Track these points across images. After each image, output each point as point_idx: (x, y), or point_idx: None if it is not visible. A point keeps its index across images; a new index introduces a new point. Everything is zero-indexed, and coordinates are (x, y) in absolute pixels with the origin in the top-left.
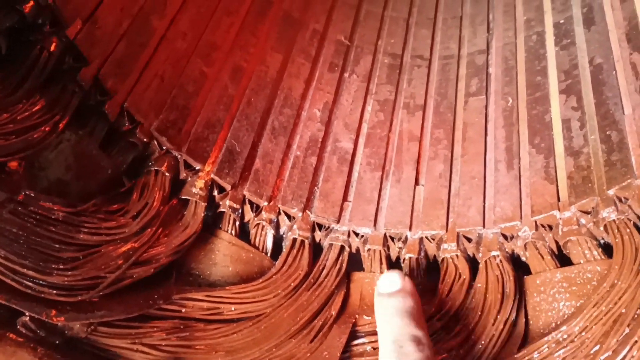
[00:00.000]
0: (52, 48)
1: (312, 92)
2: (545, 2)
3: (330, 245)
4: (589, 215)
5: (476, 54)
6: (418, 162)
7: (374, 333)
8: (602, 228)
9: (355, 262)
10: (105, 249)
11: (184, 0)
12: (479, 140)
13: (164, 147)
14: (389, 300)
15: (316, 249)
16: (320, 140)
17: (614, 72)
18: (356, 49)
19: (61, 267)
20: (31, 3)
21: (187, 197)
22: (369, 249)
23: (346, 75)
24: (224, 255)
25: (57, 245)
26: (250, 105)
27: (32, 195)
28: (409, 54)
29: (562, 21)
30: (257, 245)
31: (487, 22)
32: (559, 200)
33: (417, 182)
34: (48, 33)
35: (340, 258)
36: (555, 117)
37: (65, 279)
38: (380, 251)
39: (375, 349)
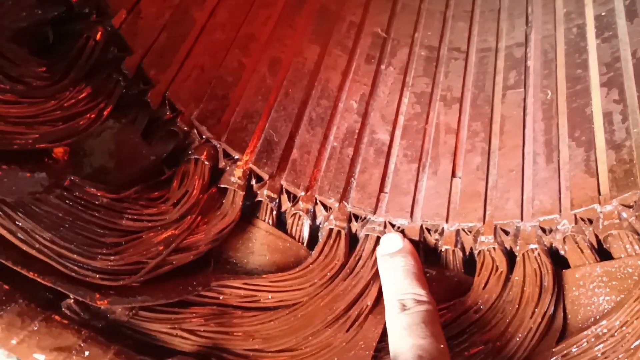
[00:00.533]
0: (98, 37)
1: (349, 83)
2: None
3: (367, 236)
4: (631, 209)
5: (514, 47)
6: (455, 155)
7: None
8: None
9: None
10: (146, 235)
11: None
12: (517, 134)
13: (204, 136)
14: (391, 260)
15: (352, 240)
16: (357, 131)
17: None
18: (392, 42)
19: (105, 252)
20: None
21: (226, 186)
22: None
23: (383, 67)
24: (261, 244)
25: (100, 231)
26: (288, 96)
27: (77, 181)
28: (446, 46)
29: (603, 13)
30: (293, 234)
31: (525, 15)
32: (599, 193)
33: (453, 175)
34: (94, 22)
35: (377, 248)
36: (596, 110)
37: (109, 263)
38: (416, 243)
39: None
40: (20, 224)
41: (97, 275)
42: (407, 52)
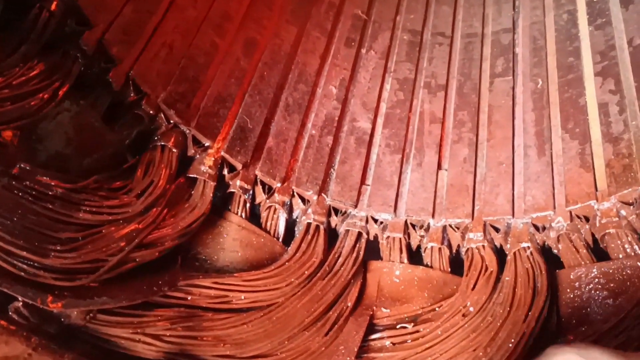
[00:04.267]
0: (53, 7)
1: (328, 68)
2: None
3: (347, 231)
4: (631, 207)
5: (501, 33)
6: (440, 146)
7: (393, 327)
8: None
9: (371, 250)
10: (106, 230)
11: None
12: (507, 124)
13: (172, 121)
14: None
15: (331, 235)
16: (336, 119)
17: None
18: (374, 25)
19: (59, 248)
20: None
21: (195, 176)
22: (388, 237)
23: (363, 51)
24: (233, 239)
25: (54, 225)
26: (264, 80)
27: (28, 168)
28: (429, 31)
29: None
30: (268, 229)
31: (512, 1)
32: (596, 189)
33: (439, 167)
34: None
35: (357, 245)
36: (590, 101)
37: (64, 261)
38: (400, 239)
39: (395, 344)
40: None
41: (50, 275)
42: (389, 36)
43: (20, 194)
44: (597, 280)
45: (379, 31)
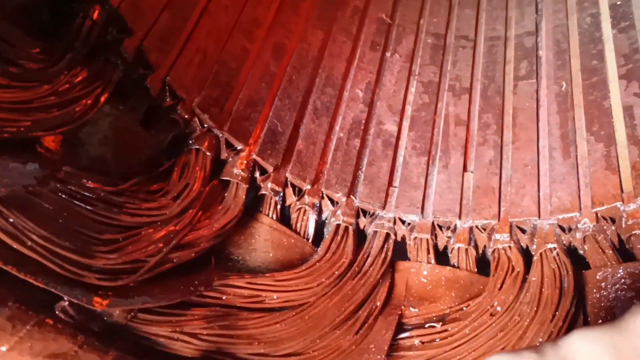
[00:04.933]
0: (95, 16)
1: (354, 71)
2: None
3: (375, 232)
4: None
5: (524, 36)
6: (466, 148)
7: (421, 326)
8: None
9: (399, 251)
10: (145, 231)
11: None
12: (531, 127)
13: (206, 125)
14: None
15: (360, 236)
16: (363, 122)
17: None
18: (398, 28)
19: (102, 249)
20: None
21: (229, 179)
22: (415, 237)
23: (388, 54)
24: (264, 240)
25: (97, 226)
26: (292, 83)
27: (73, 172)
28: (453, 34)
29: (619, 2)
30: (298, 230)
31: (535, 3)
32: (622, 191)
33: (465, 169)
34: (91, 1)
35: (386, 246)
36: (615, 104)
37: (107, 262)
38: (427, 240)
39: (424, 343)
40: (11, 220)
41: (94, 275)
42: (413, 40)
43: (65, 197)
44: (623, 280)
45: (403, 35)
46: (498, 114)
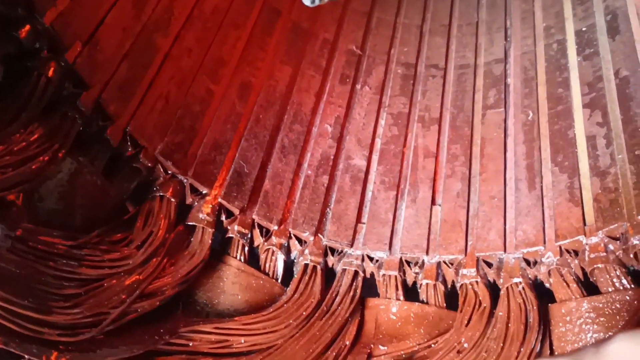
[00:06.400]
0: (50, 74)
1: (323, 106)
2: (566, 8)
3: (344, 270)
4: (618, 242)
5: (493, 64)
6: (434, 180)
7: None
8: (632, 255)
9: (369, 287)
10: (108, 283)
11: (189, 16)
12: (499, 157)
13: (169, 172)
14: None
15: (328, 274)
16: (332, 157)
17: None
18: (368, 59)
19: (62, 304)
20: (27, 27)
21: (194, 224)
22: (384, 274)
23: (358, 87)
24: (232, 282)
25: (57, 282)
26: (259, 123)
27: (31, 228)
28: (423, 63)
29: (584, 29)
30: (267, 271)
31: (504, 29)
32: (585, 224)
33: (433, 202)
34: (46, 58)
35: (354, 284)
36: (579, 133)
37: (67, 317)
38: (396, 276)
39: None
40: None
41: (55, 331)
42: (383, 70)
43: (24, 255)
44: (587, 314)
45: (373, 65)
46: (467, 144)
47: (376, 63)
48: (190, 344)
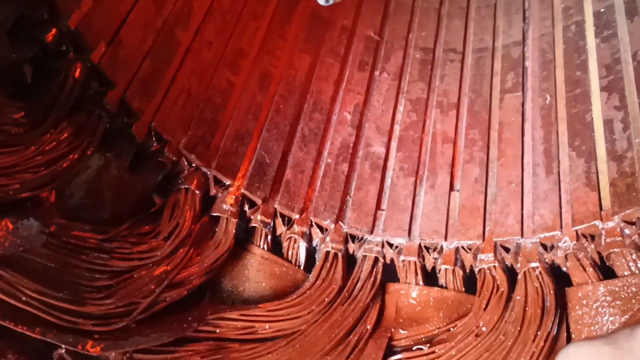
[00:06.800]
0: (77, 74)
1: (342, 93)
2: None
3: (364, 256)
4: (634, 227)
5: (512, 46)
6: (453, 166)
7: (410, 348)
8: None
9: (390, 272)
10: (138, 274)
11: (209, 8)
12: (516, 142)
13: (193, 165)
14: None
15: (350, 260)
16: (351, 145)
17: None
18: (386, 45)
19: (95, 296)
20: (53, 31)
21: (218, 214)
22: (403, 260)
23: (377, 73)
24: (257, 270)
25: (90, 274)
26: (280, 113)
27: (64, 224)
28: (441, 47)
29: (602, 10)
30: (289, 258)
31: (522, 11)
32: (601, 209)
33: (452, 188)
34: (72, 60)
35: (375, 269)
36: (596, 117)
37: (100, 307)
38: (415, 262)
39: None
40: (5, 278)
41: (89, 322)
42: (402, 56)
43: (58, 249)
44: (604, 298)
45: (391, 51)
46: (484, 129)
47: (394, 48)
48: (217, 331)
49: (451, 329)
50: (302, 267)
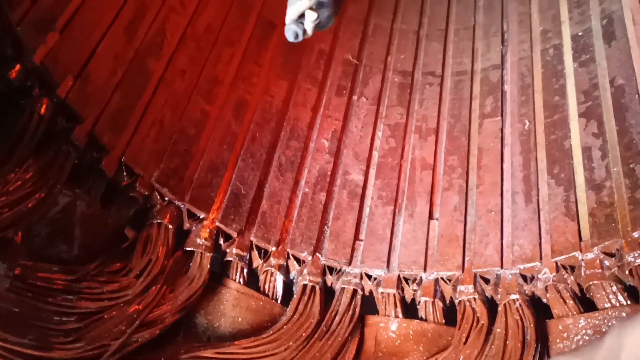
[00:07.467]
0: (42, 111)
1: (320, 120)
2: (562, 11)
3: (343, 289)
4: (613, 259)
5: (490, 70)
6: (432, 194)
7: None
8: (627, 272)
9: (368, 303)
10: (108, 315)
11: (182, 36)
12: (495, 169)
13: (166, 198)
14: None
15: (328, 292)
16: (329, 173)
17: (637, 95)
18: (365, 69)
19: (62, 340)
20: (17, 67)
21: (192, 249)
22: (382, 292)
23: (355, 98)
24: (233, 305)
25: (57, 317)
26: (256, 141)
27: (30, 266)
28: (420, 70)
29: (580, 33)
30: (266, 292)
31: (501, 33)
32: (580, 239)
33: (431, 216)
34: (38, 95)
35: (353, 302)
36: (575, 144)
37: (68, 352)
38: (394, 294)
39: None
40: None
41: None
42: (380, 80)
43: (23, 293)
44: (584, 331)
45: (370, 75)
46: (464, 155)
47: (373, 72)
48: None
49: None
50: (279, 301)
